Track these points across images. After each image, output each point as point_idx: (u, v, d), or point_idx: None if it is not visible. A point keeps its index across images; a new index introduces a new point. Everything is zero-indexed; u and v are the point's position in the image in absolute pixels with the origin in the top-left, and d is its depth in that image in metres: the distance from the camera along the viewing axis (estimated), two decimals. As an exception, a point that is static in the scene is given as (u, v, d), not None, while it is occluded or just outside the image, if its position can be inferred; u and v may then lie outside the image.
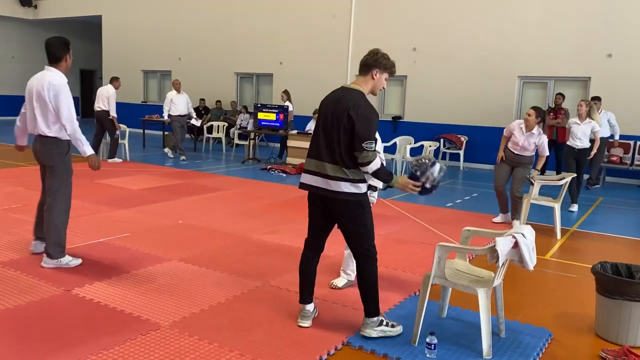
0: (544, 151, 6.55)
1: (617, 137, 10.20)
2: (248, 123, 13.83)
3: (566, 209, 7.65)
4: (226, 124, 14.12)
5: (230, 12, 15.85)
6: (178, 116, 11.67)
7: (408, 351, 3.24)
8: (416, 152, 10.64)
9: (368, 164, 3.20)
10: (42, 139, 4.36)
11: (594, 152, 7.85)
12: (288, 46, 14.83)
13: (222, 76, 16.28)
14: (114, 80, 10.91)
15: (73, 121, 4.32)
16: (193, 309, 3.72)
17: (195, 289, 4.09)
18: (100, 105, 10.63)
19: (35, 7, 20.55)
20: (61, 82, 4.30)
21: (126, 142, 11.39)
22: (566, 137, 8.10)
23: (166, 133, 12.50)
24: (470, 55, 12.23)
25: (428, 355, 3.18)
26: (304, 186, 3.38)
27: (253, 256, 5.02)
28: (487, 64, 12.06)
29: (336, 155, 3.22)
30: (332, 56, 14.05)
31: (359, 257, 3.36)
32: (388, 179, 3.30)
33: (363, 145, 3.16)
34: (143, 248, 5.08)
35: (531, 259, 3.17)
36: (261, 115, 11.74)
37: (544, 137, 6.52)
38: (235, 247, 5.28)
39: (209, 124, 14.05)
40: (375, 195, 4.06)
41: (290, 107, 11.86)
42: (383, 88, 3.42)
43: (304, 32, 14.52)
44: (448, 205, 7.92)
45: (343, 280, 4.29)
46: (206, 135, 14.01)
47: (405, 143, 10.72)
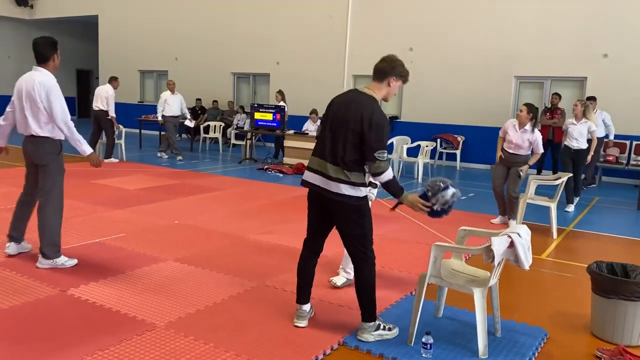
0: (538, 148, 6.52)
1: (612, 137, 10.23)
2: (245, 123, 13.82)
3: (562, 209, 7.67)
4: (223, 124, 14.11)
5: (227, 12, 15.84)
6: (171, 117, 11.66)
7: (404, 351, 3.25)
8: (413, 152, 10.65)
9: (380, 174, 3.19)
10: (34, 139, 4.32)
11: (592, 154, 7.87)
12: (285, 46, 14.83)
13: (219, 76, 16.27)
14: (113, 80, 10.88)
15: (68, 122, 4.30)
16: (189, 309, 3.72)
17: (191, 289, 4.09)
18: (98, 104, 10.60)
19: (31, 7, 20.49)
20: (51, 83, 4.27)
21: (122, 142, 11.37)
22: (562, 138, 8.12)
23: (162, 133, 12.48)
24: (467, 55, 12.25)
25: (424, 355, 3.18)
26: (305, 183, 3.37)
27: (249, 256, 5.01)
28: (484, 64, 12.07)
29: (339, 157, 3.19)
30: (329, 56, 14.05)
31: (356, 260, 3.34)
32: (398, 193, 3.26)
33: (375, 155, 3.13)
34: (139, 248, 5.07)
35: (527, 259, 3.17)
36: (258, 115, 11.74)
37: (538, 134, 6.50)
38: (231, 247, 5.28)
39: (206, 124, 14.04)
40: (374, 192, 4.06)
41: (285, 108, 11.86)
42: (394, 94, 3.39)
43: (301, 33, 14.52)
44: (445, 205, 7.91)
45: (342, 279, 4.29)
46: (203, 135, 13.99)
47: (402, 143, 10.72)
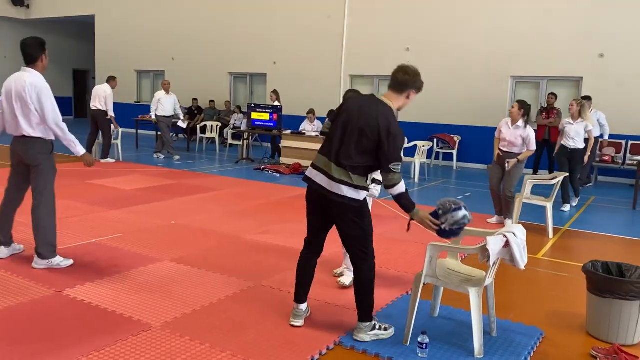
0: (530, 144, 6.48)
1: (607, 137, 10.24)
2: (242, 123, 13.81)
3: (558, 209, 7.69)
4: (220, 124, 14.09)
5: (223, 12, 15.82)
6: (163, 117, 11.66)
7: (400, 351, 3.25)
8: (410, 152, 10.64)
9: (393, 187, 3.20)
10: (26, 140, 4.31)
11: (588, 154, 7.89)
12: (282, 46, 14.82)
13: (216, 76, 16.25)
14: (111, 79, 10.85)
15: (60, 123, 4.30)
16: (185, 310, 3.71)
17: (187, 290, 4.08)
18: (96, 104, 10.56)
19: (27, 7, 20.43)
20: (42, 84, 4.27)
21: (119, 143, 11.35)
22: (558, 137, 8.13)
23: (158, 133, 12.46)
24: (463, 55, 12.26)
25: (420, 354, 3.18)
26: (307, 180, 3.36)
27: (246, 256, 5.01)
28: (480, 64, 12.09)
29: (346, 159, 3.19)
30: (326, 57, 14.04)
31: (356, 260, 3.35)
32: (410, 207, 3.25)
33: (391, 166, 3.15)
34: (135, 248, 5.06)
35: (522, 258, 3.18)
36: (255, 115, 11.73)
37: (530, 130, 6.48)
38: (228, 248, 5.28)
39: (203, 124, 14.02)
40: (378, 189, 4.06)
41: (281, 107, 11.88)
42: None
43: (298, 32, 14.51)
44: (441, 204, 7.92)
45: (349, 278, 4.32)
46: (199, 135, 13.97)
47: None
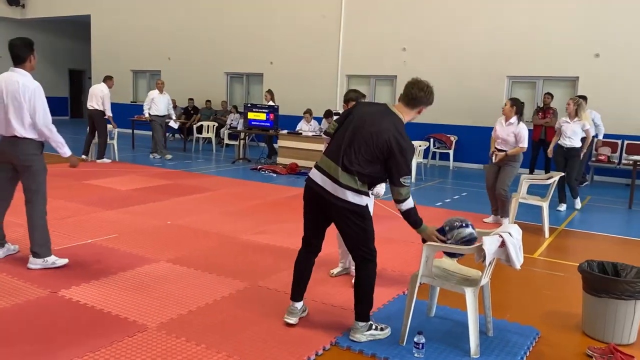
0: (521, 141, 6.44)
1: (601, 137, 10.26)
2: (238, 123, 13.80)
3: (554, 208, 7.70)
4: (216, 124, 14.07)
5: (220, 12, 15.80)
6: (156, 116, 11.64)
7: (396, 351, 3.25)
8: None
9: (403, 202, 3.21)
10: (16, 140, 4.30)
11: (585, 152, 7.89)
12: (278, 46, 14.81)
13: (212, 76, 16.23)
14: (108, 79, 10.81)
15: (49, 124, 4.33)
16: (181, 310, 3.70)
17: (183, 290, 4.07)
18: (93, 104, 10.53)
19: (22, 7, 20.36)
20: (36, 85, 4.29)
21: (115, 143, 11.32)
22: (554, 137, 8.13)
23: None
24: (459, 55, 12.28)
25: (416, 354, 3.18)
26: (310, 181, 3.35)
27: (242, 257, 5.00)
28: (476, 64, 12.11)
29: (355, 166, 3.18)
30: (323, 56, 14.04)
31: (360, 260, 3.36)
32: (418, 223, 3.28)
33: (401, 180, 3.16)
34: (131, 249, 5.05)
35: (518, 258, 3.18)
36: (251, 115, 11.72)
37: (523, 127, 6.46)
38: (224, 248, 5.27)
39: (199, 124, 14.00)
40: (383, 186, 4.07)
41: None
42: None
43: (295, 32, 14.50)
44: (437, 204, 7.94)
45: (339, 269, 4.42)
46: (196, 135, 13.95)
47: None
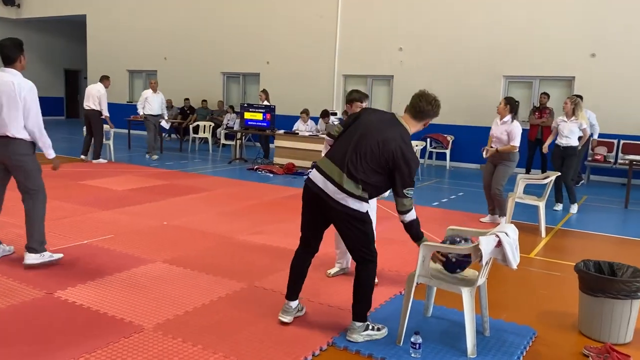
0: (512, 138, 6.42)
1: (596, 137, 10.27)
2: (235, 123, 13.78)
3: (551, 208, 7.72)
4: (212, 124, 14.05)
5: (216, 12, 15.78)
6: (150, 115, 11.63)
7: (393, 351, 3.25)
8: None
9: (406, 213, 3.22)
10: (8, 141, 4.32)
11: (581, 149, 7.89)
12: (275, 46, 14.80)
13: (209, 76, 16.20)
14: (104, 79, 10.78)
15: (41, 126, 4.39)
16: (177, 311, 3.69)
17: (179, 291, 4.06)
18: (90, 104, 10.48)
19: (18, 6, 20.28)
20: (31, 86, 4.34)
21: (111, 143, 11.28)
22: (550, 135, 8.14)
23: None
24: (456, 55, 12.29)
25: (413, 354, 3.18)
26: (310, 182, 3.33)
27: (239, 257, 4.99)
28: (473, 64, 12.12)
29: (360, 174, 3.18)
30: (320, 56, 14.04)
31: (360, 261, 3.36)
32: (420, 236, 3.29)
33: (405, 191, 3.17)
34: (127, 249, 5.03)
35: (514, 258, 3.18)
36: (248, 115, 11.71)
37: (515, 126, 6.44)
38: (220, 248, 5.25)
39: (195, 124, 13.98)
40: None
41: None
42: None
43: (291, 32, 14.49)
44: (434, 204, 7.95)
45: (336, 269, 4.60)
46: (192, 135, 13.92)
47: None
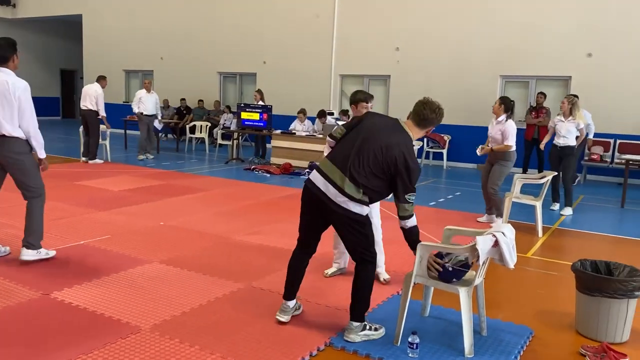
0: (506, 137, 6.41)
1: (592, 136, 10.29)
2: (231, 123, 13.76)
3: (548, 207, 7.73)
4: (209, 124, 14.03)
5: (213, 12, 15.76)
6: (145, 115, 11.61)
7: (390, 351, 3.25)
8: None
9: (407, 218, 3.23)
10: (4, 139, 4.37)
11: (578, 145, 7.90)
12: (271, 46, 14.78)
13: (205, 76, 16.18)
14: (101, 79, 10.75)
15: (35, 124, 4.46)
16: (174, 312, 3.69)
17: (176, 291, 4.05)
18: (87, 104, 10.45)
19: (13, 6, 20.21)
20: (25, 85, 4.41)
21: (107, 143, 11.25)
22: (547, 135, 8.15)
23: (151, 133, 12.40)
24: (452, 54, 12.31)
25: (410, 354, 3.18)
26: (311, 183, 3.33)
27: (236, 257, 4.99)
28: (470, 64, 12.13)
29: (362, 178, 3.18)
30: (316, 56, 14.03)
31: (360, 262, 3.36)
32: (417, 243, 3.30)
33: (407, 196, 3.19)
34: (124, 250, 5.02)
35: (511, 258, 3.18)
36: (244, 115, 11.70)
37: (509, 125, 6.43)
38: (217, 249, 5.25)
39: (192, 124, 13.96)
40: None
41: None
42: None
43: (288, 32, 14.48)
44: (431, 204, 7.96)
45: (333, 269, 4.61)
46: (189, 135, 13.90)
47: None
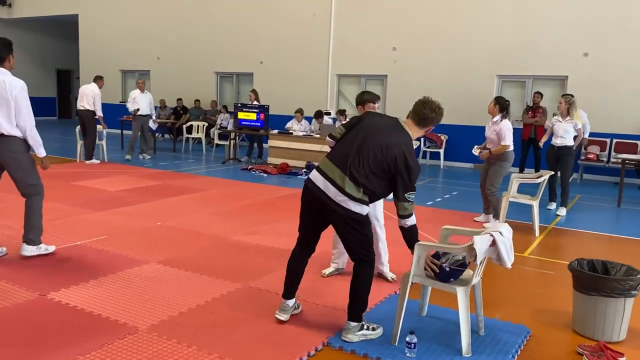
0: (502, 137, 6.37)
1: (587, 135, 10.30)
2: (228, 123, 13.75)
3: (545, 207, 7.74)
4: (206, 124, 14.01)
5: (209, 11, 15.73)
6: (139, 115, 11.60)
7: (388, 351, 3.25)
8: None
9: (407, 217, 3.24)
10: (2, 138, 4.41)
11: (576, 145, 7.92)
12: (268, 45, 14.78)
13: (202, 76, 16.15)
14: (98, 79, 10.73)
15: (32, 123, 4.49)
16: (171, 312, 3.68)
17: (174, 292, 4.05)
18: (84, 104, 10.42)
19: (9, 6, 20.14)
20: (22, 84, 4.46)
21: (104, 143, 11.23)
22: (544, 135, 8.17)
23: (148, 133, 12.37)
24: (449, 54, 12.32)
25: (408, 354, 3.18)
26: (310, 183, 3.33)
27: (233, 257, 4.98)
28: (466, 63, 12.15)
29: (362, 178, 3.18)
30: (313, 55, 14.03)
31: (358, 262, 3.36)
32: (416, 241, 3.30)
33: (406, 195, 3.19)
34: (121, 250, 5.01)
35: (509, 257, 3.19)
36: (241, 115, 11.68)
37: (504, 124, 6.40)
38: (214, 249, 5.24)
39: (189, 124, 13.94)
40: None
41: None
42: None
43: (284, 31, 14.47)
44: (428, 204, 7.96)
45: (330, 269, 4.59)
46: (186, 135, 13.88)
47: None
